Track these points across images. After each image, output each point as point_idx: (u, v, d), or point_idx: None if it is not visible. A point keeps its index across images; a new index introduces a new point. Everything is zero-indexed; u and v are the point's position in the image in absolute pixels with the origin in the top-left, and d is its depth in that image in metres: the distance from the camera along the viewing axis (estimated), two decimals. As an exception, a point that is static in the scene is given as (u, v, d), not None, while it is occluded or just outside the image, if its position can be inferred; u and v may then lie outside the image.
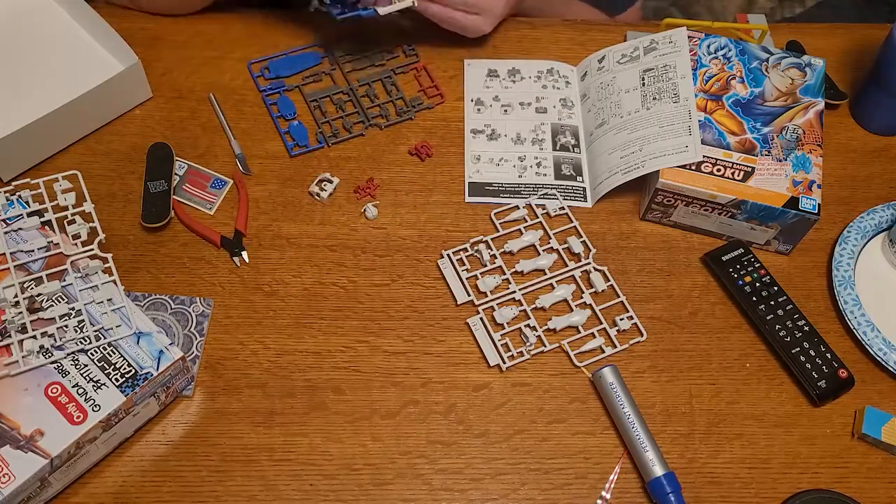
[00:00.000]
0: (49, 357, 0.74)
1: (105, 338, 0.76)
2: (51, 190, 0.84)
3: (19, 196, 0.83)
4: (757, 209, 0.88)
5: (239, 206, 0.91)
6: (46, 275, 0.79)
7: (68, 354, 0.75)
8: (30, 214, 0.82)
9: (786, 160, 0.90)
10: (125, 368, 0.74)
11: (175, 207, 0.90)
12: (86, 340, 0.75)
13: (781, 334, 0.85)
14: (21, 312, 0.76)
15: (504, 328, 0.86)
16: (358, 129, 0.98)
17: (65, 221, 0.82)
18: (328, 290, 0.88)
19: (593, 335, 0.86)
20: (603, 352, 0.85)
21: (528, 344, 0.85)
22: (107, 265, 0.80)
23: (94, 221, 0.82)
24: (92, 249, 0.81)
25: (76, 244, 0.81)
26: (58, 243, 0.81)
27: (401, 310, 0.87)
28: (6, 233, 0.81)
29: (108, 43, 0.98)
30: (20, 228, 0.81)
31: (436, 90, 1.02)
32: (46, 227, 0.82)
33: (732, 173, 0.89)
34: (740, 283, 0.88)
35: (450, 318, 0.87)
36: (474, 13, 0.98)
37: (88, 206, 0.83)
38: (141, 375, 0.74)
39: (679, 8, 1.47)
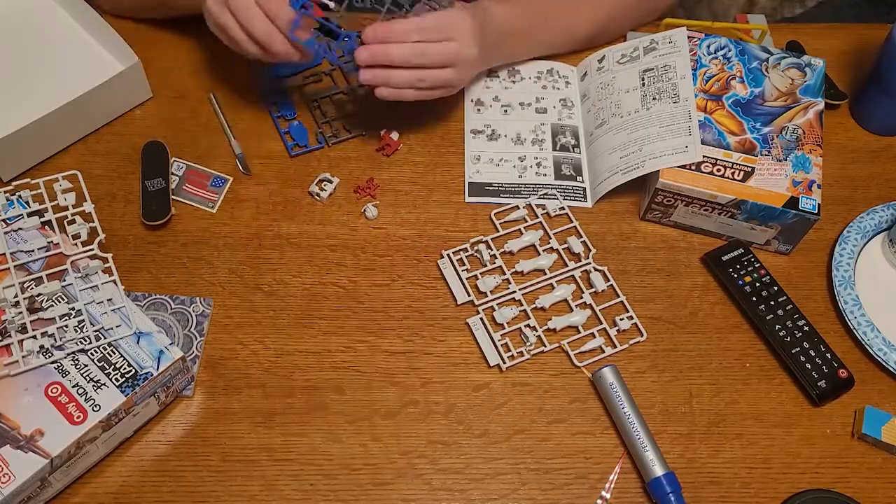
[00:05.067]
0: (49, 357, 0.74)
1: (105, 338, 0.76)
2: (51, 190, 0.84)
3: (19, 196, 0.83)
4: (757, 209, 0.88)
5: None
6: (46, 275, 0.79)
7: (68, 354, 0.75)
8: (30, 214, 0.82)
9: (786, 160, 0.90)
10: (125, 368, 0.74)
11: None
12: (86, 340, 0.75)
13: (781, 334, 0.85)
14: (21, 312, 0.76)
15: (504, 328, 0.86)
16: (358, 129, 0.98)
17: (65, 221, 0.82)
18: (328, 290, 0.88)
19: (593, 335, 0.86)
20: (603, 352, 0.85)
21: (528, 344, 0.85)
22: (107, 265, 0.80)
23: (94, 221, 0.82)
24: (92, 249, 0.81)
25: (76, 244, 0.81)
26: (58, 243, 0.81)
27: (401, 310, 0.87)
28: (6, 233, 0.81)
29: (108, 43, 0.98)
30: (20, 228, 0.81)
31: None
32: (46, 227, 0.82)
33: (732, 173, 0.89)
34: (740, 283, 0.88)
35: (450, 318, 0.87)
36: (445, 66, 0.87)
37: (88, 206, 0.83)
38: (141, 375, 0.74)
39: (682, 8, 1.47)
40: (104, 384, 0.73)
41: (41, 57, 0.99)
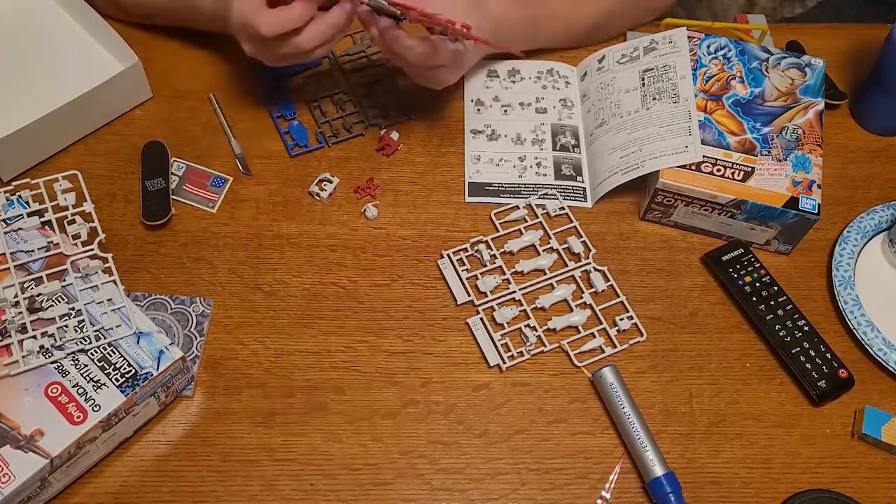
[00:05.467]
0: (49, 357, 0.74)
1: (105, 338, 0.76)
2: (51, 190, 0.84)
3: (19, 196, 0.83)
4: (757, 209, 0.88)
5: None
6: (46, 275, 0.79)
7: (68, 354, 0.75)
8: (30, 214, 0.82)
9: (786, 160, 0.90)
10: (125, 368, 0.74)
11: None
12: (86, 340, 0.75)
13: (781, 334, 0.85)
14: (21, 312, 0.76)
15: (504, 328, 0.86)
16: (358, 129, 0.98)
17: (65, 221, 0.82)
18: (328, 290, 0.88)
19: (593, 335, 0.86)
20: (603, 352, 0.85)
21: (528, 344, 0.85)
22: (107, 265, 0.80)
23: (94, 221, 0.82)
24: (92, 249, 0.81)
25: (76, 244, 0.81)
26: (58, 243, 0.81)
27: (401, 310, 0.87)
28: (6, 233, 0.81)
29: (108, 43, 0.98)
30: (20, 228, 0.81)
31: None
32: (46, 227, 0.82)
33: (732, 173, 0.89)
34: (740, 283, 0.88)
35: (450, 318, 0.87)
36: (438, 66, 0.88)
37: (88, 206, 0.83)
38: (141, 375, 0.74)
39: (682, 8, 1.48)
40: (104, 384, 0.73)
41: (41, 57, 0.99)
